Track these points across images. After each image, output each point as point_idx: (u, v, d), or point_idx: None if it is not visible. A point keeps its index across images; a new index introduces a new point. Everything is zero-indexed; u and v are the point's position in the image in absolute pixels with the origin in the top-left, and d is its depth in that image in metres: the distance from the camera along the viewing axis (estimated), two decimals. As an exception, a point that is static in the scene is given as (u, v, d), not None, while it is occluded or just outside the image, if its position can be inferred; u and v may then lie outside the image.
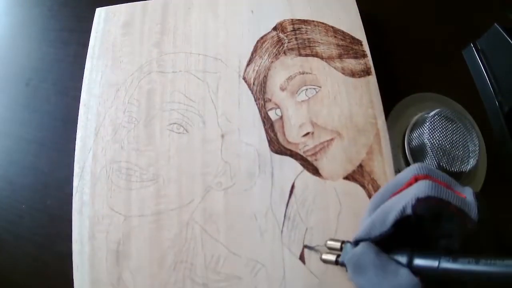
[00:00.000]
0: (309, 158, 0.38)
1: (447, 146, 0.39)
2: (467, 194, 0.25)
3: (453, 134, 0.40)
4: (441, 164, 0.38)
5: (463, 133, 0.40)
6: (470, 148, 0.40)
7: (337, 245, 0.32)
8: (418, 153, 0.41)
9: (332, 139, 0.39)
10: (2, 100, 0.52)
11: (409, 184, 0.26)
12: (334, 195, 0.37)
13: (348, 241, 0.31)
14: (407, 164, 0.42)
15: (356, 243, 0.29)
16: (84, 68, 0.44)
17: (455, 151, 0.39)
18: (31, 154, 0.48)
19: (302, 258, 0.35)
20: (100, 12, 0.47)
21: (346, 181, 0.37)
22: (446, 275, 0.23)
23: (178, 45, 0.44)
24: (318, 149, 0.38)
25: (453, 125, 0.40)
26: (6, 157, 0.48)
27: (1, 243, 0.45)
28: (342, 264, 0.30)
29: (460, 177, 0.40)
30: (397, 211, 0.25)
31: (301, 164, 0.38)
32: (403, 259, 0.25)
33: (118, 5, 0.47)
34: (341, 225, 0.36)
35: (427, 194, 0.24)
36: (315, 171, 0.38)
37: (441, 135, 0.39)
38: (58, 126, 0.49)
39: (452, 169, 0.39)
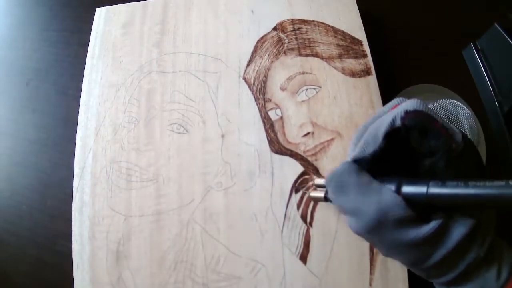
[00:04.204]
0: (309, 158, 0.38)
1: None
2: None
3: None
4: None
5: (451, 111, 0.41)
6: (464, 122, 0.41)
7: (324, 181, 0.32)
8: None
9: (332, 139, 0.39)
10: (3, 100, 0.52)
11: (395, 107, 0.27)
12: (334, 195, 0.37)
13: None
14: None
15: None
16: (84, 68, 0.44)
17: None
18: (31, 154, 0.48)
19: (302, 258, 0.35)
20: (100, 12, 0.47)
21: (346, 181, 0.37)
22: (436, 200, 0.23)
23: (178, 45, 0.44)
24: (318, 149, 0.38)
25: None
26: (6, 157, 0.48)
27: (1, 243, 0.45)
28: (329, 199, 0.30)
29: None
30: (387, 123, 0.25)
31: (301, 164, 0.38)
32: (391, 186, 0.25)
33: (118, 5, 0.47)
34: (341, 225, 0.36)
35: (415, 108, 0.25)
36: (315, 171, 0.38)
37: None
38: (58, 126, 0.48)
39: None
